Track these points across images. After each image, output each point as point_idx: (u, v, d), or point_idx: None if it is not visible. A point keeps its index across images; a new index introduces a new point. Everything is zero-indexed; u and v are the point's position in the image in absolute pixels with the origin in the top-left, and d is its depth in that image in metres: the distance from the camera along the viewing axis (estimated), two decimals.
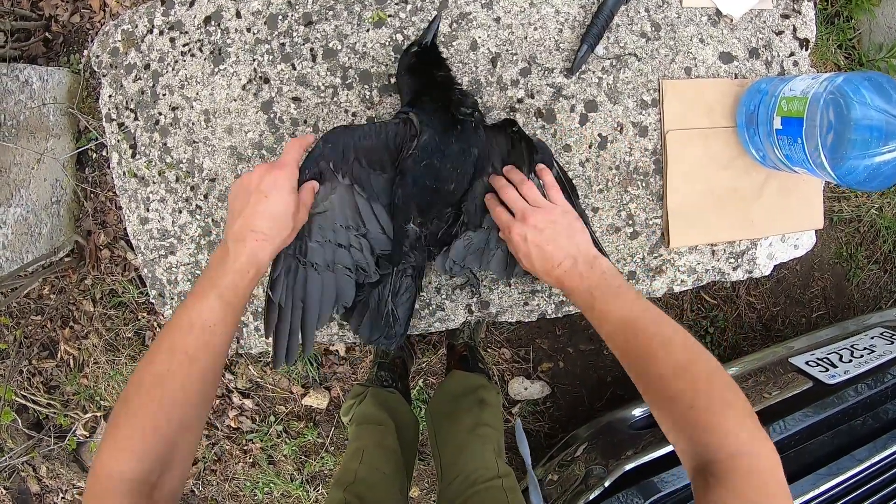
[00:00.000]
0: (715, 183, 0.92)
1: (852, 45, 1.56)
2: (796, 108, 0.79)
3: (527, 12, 0.87)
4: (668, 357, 0.60)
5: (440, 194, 0.78)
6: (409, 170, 0.76)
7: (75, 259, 1.58)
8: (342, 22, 0.87)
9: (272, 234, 0.64)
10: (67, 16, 1.61)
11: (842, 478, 1.03)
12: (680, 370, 0.59)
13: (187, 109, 0.93)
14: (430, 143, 0.75)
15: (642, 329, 0.63)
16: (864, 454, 1.06)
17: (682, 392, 0.57)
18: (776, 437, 1.09)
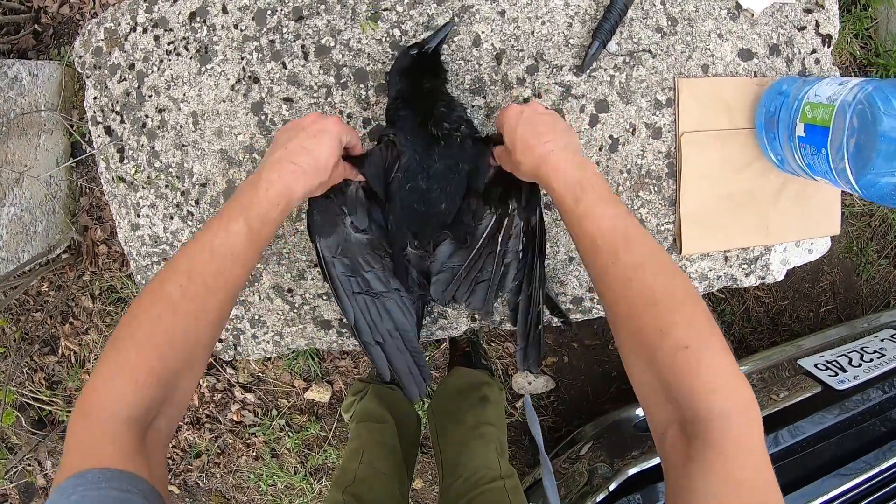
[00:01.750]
0: (731, 187, 0.85)
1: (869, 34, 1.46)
2: (822, 116, 0.71)
3: (534, 5, 0.78)
4: (663, 276, 0.50)
5: (431, 216, 0.71)
6: (395, 194, 0.70)
7: (73, 256, 1.52)
8: (335, 17, 0.78)
9: (310, 173, 0.58)
10: (56, 7, 1.52)
11: (851, 483, 0.99)
12: (676, 297, 0.49)
13: (174, 111, 0.85)
14: (412, 164, 0.68)
15: (637, 241, 0.52)
16: (874, 459, 1.02)
17: (673, 324, 0.47)
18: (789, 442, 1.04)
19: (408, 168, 0.68)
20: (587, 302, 0.86)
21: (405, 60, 0.70)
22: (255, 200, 0.55)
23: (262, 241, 0.56)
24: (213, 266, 0.52)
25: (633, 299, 0.50)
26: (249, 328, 0.91)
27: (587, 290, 0.86)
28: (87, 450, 0.44)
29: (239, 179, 0.84)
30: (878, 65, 1.47)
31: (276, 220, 0.57)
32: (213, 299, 0.52)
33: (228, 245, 0.53)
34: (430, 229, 0.73)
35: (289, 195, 0.57)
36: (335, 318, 0.87)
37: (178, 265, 0.52)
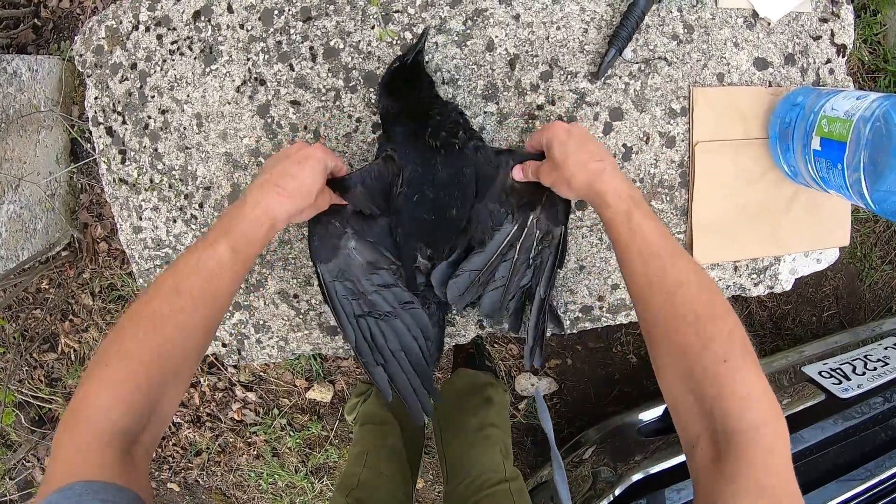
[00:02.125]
0: (744, 198, 0.83)
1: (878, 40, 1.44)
2: (839, 130, 0.69)
3: (549, 10, 0.75)
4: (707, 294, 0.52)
5: (444, 223, 0.70)
6: (402, 208, 0.69)
7: (72, 253, 1.49)
8: (344, 18, 0.76)
9: (294, 197, 0.60)
10: (56, 1, 1.48)
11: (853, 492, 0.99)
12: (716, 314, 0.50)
13: (178, 113, 0.82)
14: (414, 176, 0.67)
15: (682, 259, 0.55)
16: (875, 468, 1.01)
17: (713, 339, 0.48)
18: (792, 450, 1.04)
19: (411, 181, 0.68)
20: (596, 311, 0.84)
21: (387, 76, 0.70)
22: (239, 221, 0.57)
23: (247, 259, 0.58)
24: (199, 283, 0.53)
25: (676, 313, 0.52)
26: (254, 333, 0.89)
27: (596, 298, 0.84)
28: (73, 463, 0.44)
29: (244, 183, 0.82)
30: (886, 71, 1.44)
31: (260, 239, 0.58)
32: (198, 315, 0.53)
33: (213, 263, 0.55)
34: (443, 237, 0.71)
35: (272, 217, 0.58)
36: None
37: (165, 282, 0.53)
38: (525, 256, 0.72)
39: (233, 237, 0.56)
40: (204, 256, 0.55)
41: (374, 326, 0.71)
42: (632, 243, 0.56)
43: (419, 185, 0.68)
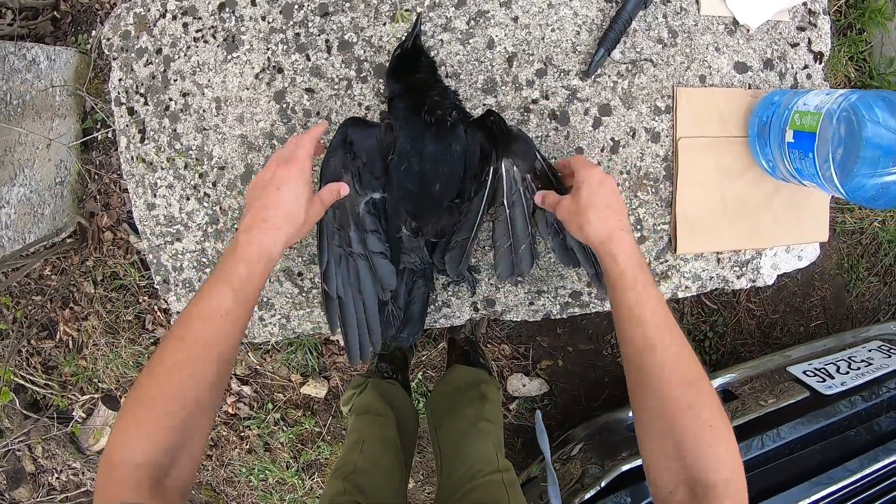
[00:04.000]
0: (724, 192, 0.92)
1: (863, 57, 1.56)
2: (809, 123, 0.78)
3: (545, 13, 0.86)
4: (696, 365, 0.60)
5: (428, 197, 0.77)
6: (393, 175, 0.76)
7: (77, 240, 1.57)
8: (359, 14, 0.86)
9: (282, 224, 0.64)
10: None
11: (833, 488, 1.04)
12: (704, 383, 0.59)
13: (198, 96, 0.92)
14: (405, 146, 0.75)
15: (677, 330, 0.62)
16: (856, 465, 1.06)
17: (702, 406, 0.57)
18: (771, 446, 1.10)
19: (402, 151, 0.75)
20: (585, 296, 0.93)
21: (392, 62, 0.79)
22: (234, 266, 0.62)
23: (249, 299, 0.63)
24: (205, 330, 0.59)
25: (673, 378, 0.59)
26: (257, 310, 0.96)
27: (586, 284, 0.92)
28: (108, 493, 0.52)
29: (258, 165, 0.90)
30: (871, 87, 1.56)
31: (259, 275, 0.63)
32: (208, 359, 0.59)
33: (216, 309, 0.60)
34: (427, 211, 0.78)
35: (267, 252, 0.63)
36: None
37: (175, 333, 0.60)
38: (523, 203, 0.77)
39: (231, 282, 0.61)
40: (206, 306, 0.60)
41: (344, 261, 0.75)
42: (634, 307, 0.63)
43: (408, 156, 0.75)
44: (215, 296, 0.60)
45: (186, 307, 0.62)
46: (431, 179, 0.76)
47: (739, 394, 1.24)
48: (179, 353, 0.58)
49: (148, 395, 0.57)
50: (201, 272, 0.97)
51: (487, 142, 0.77)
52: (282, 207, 0.64)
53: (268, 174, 0.67)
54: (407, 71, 0.79)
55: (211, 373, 0.59)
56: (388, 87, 0.82)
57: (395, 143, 0.75)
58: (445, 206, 0.79)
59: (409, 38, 0.80)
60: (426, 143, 0.75)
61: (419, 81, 0.79)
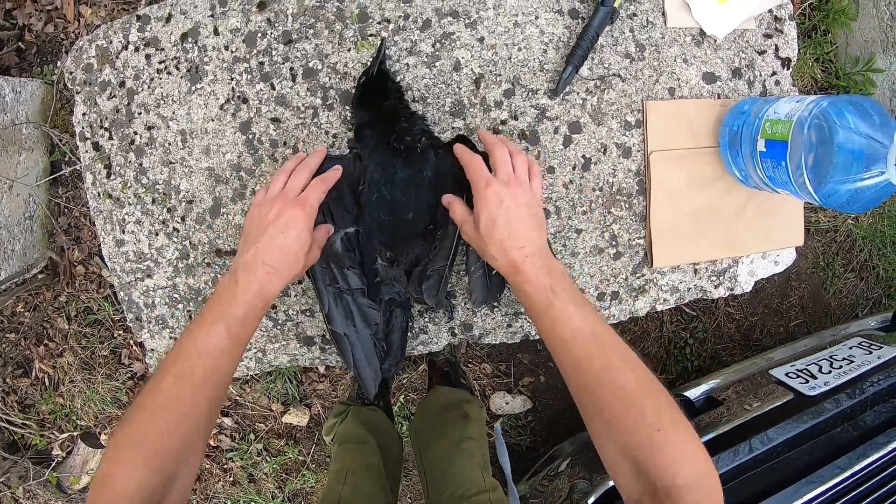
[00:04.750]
0: (697, 203, 0.91)
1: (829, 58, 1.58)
2: (780, 131, 0.78)
3: (511, 32, 0.85)
4: (631, 373, 0.58)
5: (400, 225, 0.76)
6: (364, 206, 0.75)
7: (49, 276, 1.53)
8: (322, 41, 0.84)
9: (283, 270, 0.64)
10: (41, 25, 1.56)
11: (824, 487, 1.03)
12: (644, 389, 0.57)
13: (163, 129, 0.89)
14: (375, 175, 0.74)
15: (606, 341, 0.60)
16: (846, 463, 1.06)
17: (644, 412, 0.55)
18: (760, 449, 1.09)
19: (372, 180, 0.74)
20: None
21: (358, 90, 0.78)
22: (233, 305, 0.61)
23: (244, 340, 0.62)
24: (198, 367, 0.59)
25: (607, 392, 0.57)
26: None
27: None
28: None
29: (226, 197, 0.88)
30: (838, 87, 1.58)
31: (256, 317, 0.63)
32: (201, 396, 0.59)
33: (211, 348, 0.59)
34: (400, 239, 0.77)
35: (266, 296, 0.63)
36: (318, 333, 0.91)
37: (167, 370, 0.59)
38: None
39: (228, 321, 0.60)
40: (201, 343, 0.59)
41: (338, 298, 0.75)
42: (553, 332, 0.61)
43: (379, 184, 0.74)
44: (212, 335, 0.59)
45: (180, 341, 0.61)
46: (403, 207, 0.75)
47: (723, 399, 1.23)
48: (172, 389, 0.58)
49: (140, 431, 0.56)
50: (174, 308, 0.94)
51: (459, 167, 0.76)
52: (286, 253, 0.64)
53: (272, 213, 0.65)
54: (373, 98, 0.78)
55: (203, 410, 0.59)
56: (355, 116, 0.81)
57: (365, 173, 0.74)
58: (419, 234, 0.77)
59: (373, 64, 0.79)
60: (396, 171, 0.74)
61: (387, 108, 0.78)
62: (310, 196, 0.67)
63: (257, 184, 0.87)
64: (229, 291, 0.62)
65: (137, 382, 1.65)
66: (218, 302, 0.62)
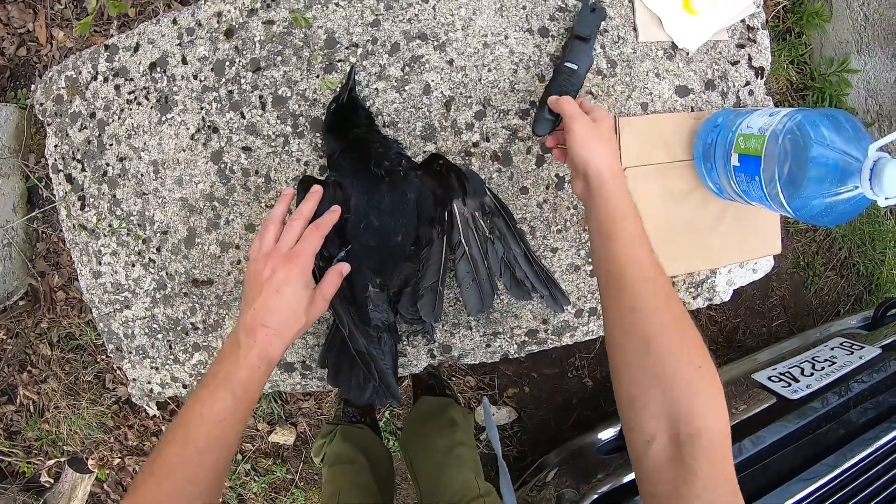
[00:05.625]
0: (673, 217, 0.92)
1: (804, 60, 1.59)
2: (754, 146, 0.78)
3: (480, 53, 0.85)
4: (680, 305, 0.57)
5: (390, 250, 0.76)
6: (351, 236, 0.74)
7: (30, 302, 1.52)
8: (291, 68, 0.84)
9: (283, 330, 0.63)
10: (14, 49, 1.54)
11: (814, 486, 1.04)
12: (690, 323, 0.56)
13: (135, 160, 0.89)
14: (361, 203, 0.73)
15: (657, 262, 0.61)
16: (834, 461, 1.07)
17: (689, 345, 0.54)
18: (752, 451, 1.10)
19: (358, 207, 0.73)
20: (541, 334, 0.92)
21: (328, 118, 0.78)
22: (236, 369, 0.61)
23: (250, 403, 0.62)
24: (202, 436, 0.59)
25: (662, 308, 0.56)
26: None
27: (540, 322, 0.91)
28: None
29: (200, 227, 0.88)
30: (813, 88, 1.59)
31: (259, 380, 0.62)
32: (205, 465, 0.59)
33: (214, 413, 0.59)
34: (391, 263, 0.77)
35: (269, 358, 0.62)
36: (297, 360, 0.91)
37: (174, 435, 0.60)
38: (476, 240, 0.77)
39: (232, 385, 0.60)
40: (206, 408, 0.59)
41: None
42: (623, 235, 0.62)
43: (366, 212, 0.74)
44: (217, 399, 0.60)
45: (187, 404, 0.61)
46: (392, 232, 0.75)
47: None
48: (178, 457, 0.58)
49: (144, 496, 0.56)
50: (153, 338, 0.94)
51: (438, 185, 0.76)
52: (283, 312, 0.63)
53: (267, 270, 0.64)
54: (345, 125, 0.78)
55: (207, 475, 0.59)
56: (327, 143, 0.80)
57: (349, 202, 0.73)
58: (406, 256, 0.78)
59: (343, 90, 0.78)
60: (383, 196, 0.74)
61: (359, 135, 0.77)
62: (305, 248, 0.65)
63: (230, 213, 0.87)
64: (233, 354, 0.62)
65: (122, 407, 1.64)
66: (221, 366, 0.62)
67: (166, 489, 0.56)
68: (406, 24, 0.83)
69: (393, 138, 0.80)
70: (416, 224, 0.77)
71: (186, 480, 0.57)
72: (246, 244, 0.88)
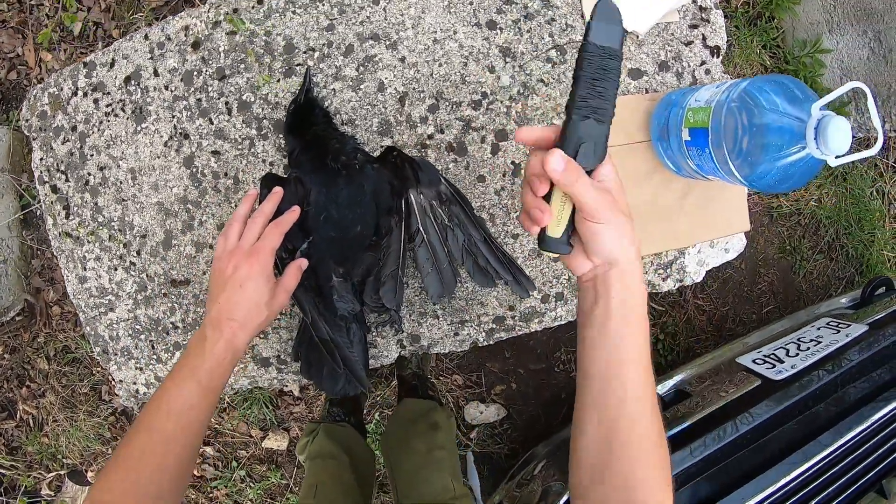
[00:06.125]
0: (634, 198, 0.96)
1: (777, 44, 1.63)
2: (701, 118, 0.82)
3: (431, 49, 0.92)
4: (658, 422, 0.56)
5: (350, 240, 0.83)
6: (312, 228, 0.81)
7: (26, 318, 1.61)
8: (254, 74, 0.92)
9: (247, 322, 0.69)
10: (4, 73, 1.66)
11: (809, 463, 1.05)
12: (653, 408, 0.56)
13: (114, 168, 0.97)
14: (320, 197, 0.80)
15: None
16: (829, 439, 1.07)
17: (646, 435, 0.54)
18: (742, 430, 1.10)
19: (317, 202, 0.81)
20: (509, 321, 0.97)
21: (288, 118, 0.86)
22: (201, 361, 0.67)
23: (216, 391, 0.68)
24: (170, 424, 0.64)
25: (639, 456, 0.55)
26: None
27: (507, 308, 0.97)
28: None
29: (176, 229, 0.95)
30: (788, 71, 1.63)
31: (226, 370, 0.68)
32: (172, 453, 0.64)
33: (180, 403, 0.65)
34: (351, 254, 0.84)
35: (234, 348, 0.68)
36: (273, 354, 0.97)
37: (140, 424, 0.65)
38: (434, 228, 0.83)
39: (198, 375, 0.66)
40: (173, 398, 0.65)
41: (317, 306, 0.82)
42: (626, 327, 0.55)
43: (324, 205, 0.81)
44: (183, 389, 0.65)
45: (154, 396, 0.66)
46: (351, 223, 0.82)
47: (696, 391, 1.27)
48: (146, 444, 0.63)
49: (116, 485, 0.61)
50: (137, 339, 1.01)
51: (394, 176, 0.83)
52: (245, 305, 0.69)
53: (230, 267, 0.70)
54: (304, 124, 0.85)
55: (177, 462, 0.64)
56: (288, 143, 0.88)
57: (308, 196, 0.81)
58: (367, 246, 0.84)
59: (301, 92, 0.86)
60: (341, 189, 0.81)
61: (317, 133, 0.85)
62: (265, 245, 0.71)
63: (203, 214, 0.94)
64: (199, 347, 0.68)
65: (119, 418, 1.72)
66: (188, 358, 0.68)
67: (133, 478, 0.61)
68: (359, 26, 0.91)
69: (350, 135, 0.87)
70: (376, 214, 0.84)
71: (153, 469, 0.62)
72: None
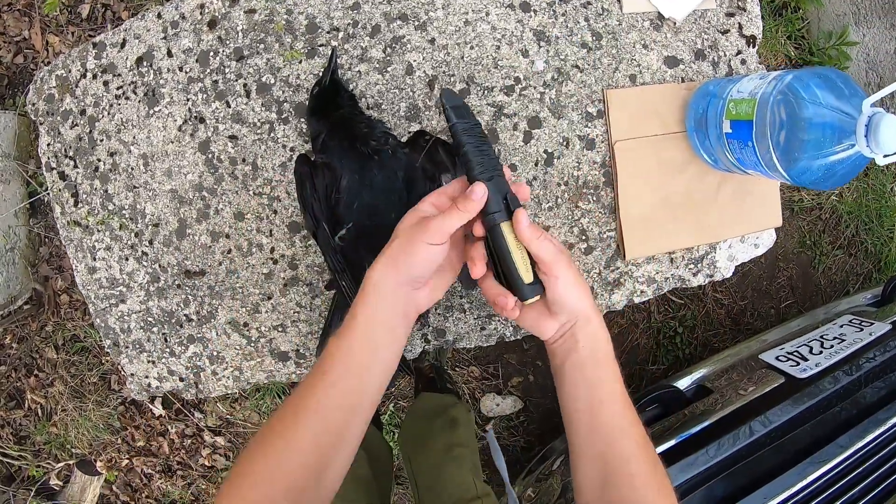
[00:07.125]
0: (668, 190, 0.91)
1: (801, 35, 1.57)
2: (745, 110, 0.77)
3: (462, 31, 0.85)
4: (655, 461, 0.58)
5: (383, 229, 0.75)
6: (343, 217, 0.74)
7: (34, 306, 1.54)
8: (273, 55, 0.84)
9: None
10: (11, 57, 1.57)
11: (827, 466, 1.02)
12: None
13: (125, 154, 0.90)
14: (352, 183, 0.73)
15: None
16: (847, 441, 1.04)
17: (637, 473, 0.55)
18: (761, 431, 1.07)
19: (350, 188, 0.74)
20: None
21: (312, 101, 0.78)
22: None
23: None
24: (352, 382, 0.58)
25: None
26: (209, 365, 0.94)
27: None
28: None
29: (190, 218, 0.88)
30: (812, 63, 1.57)
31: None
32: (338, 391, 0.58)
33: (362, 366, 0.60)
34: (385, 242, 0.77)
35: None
36: (291, 349, 0.91)
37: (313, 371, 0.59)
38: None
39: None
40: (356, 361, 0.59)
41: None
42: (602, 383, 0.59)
43: (357, 191, 0.74)
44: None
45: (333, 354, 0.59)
46: (385, 210, 0.75)
47: (716, 387, 1.22)
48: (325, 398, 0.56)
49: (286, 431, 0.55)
50: (149, 332, 0.94)
51: (427, 160, 0.77)
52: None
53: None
54: (328, 108, 0.78)
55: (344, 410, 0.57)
56: (311, 127, 0.80)
57: (339, 182, 0.74)
58: None
59: (325, 74, 0.79)
60: (375, 175, 0.74)
61: (343, 116, 0.78)
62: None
63: (219, 202, 0.87)
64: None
65: (129, 407, 1.66)
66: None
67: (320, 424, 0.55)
68: (386, 5, 0.84)
69: (377, 118, 0.80)
70: (409, 201, 0.77)
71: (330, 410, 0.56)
72: (235, 233, 0.88)
